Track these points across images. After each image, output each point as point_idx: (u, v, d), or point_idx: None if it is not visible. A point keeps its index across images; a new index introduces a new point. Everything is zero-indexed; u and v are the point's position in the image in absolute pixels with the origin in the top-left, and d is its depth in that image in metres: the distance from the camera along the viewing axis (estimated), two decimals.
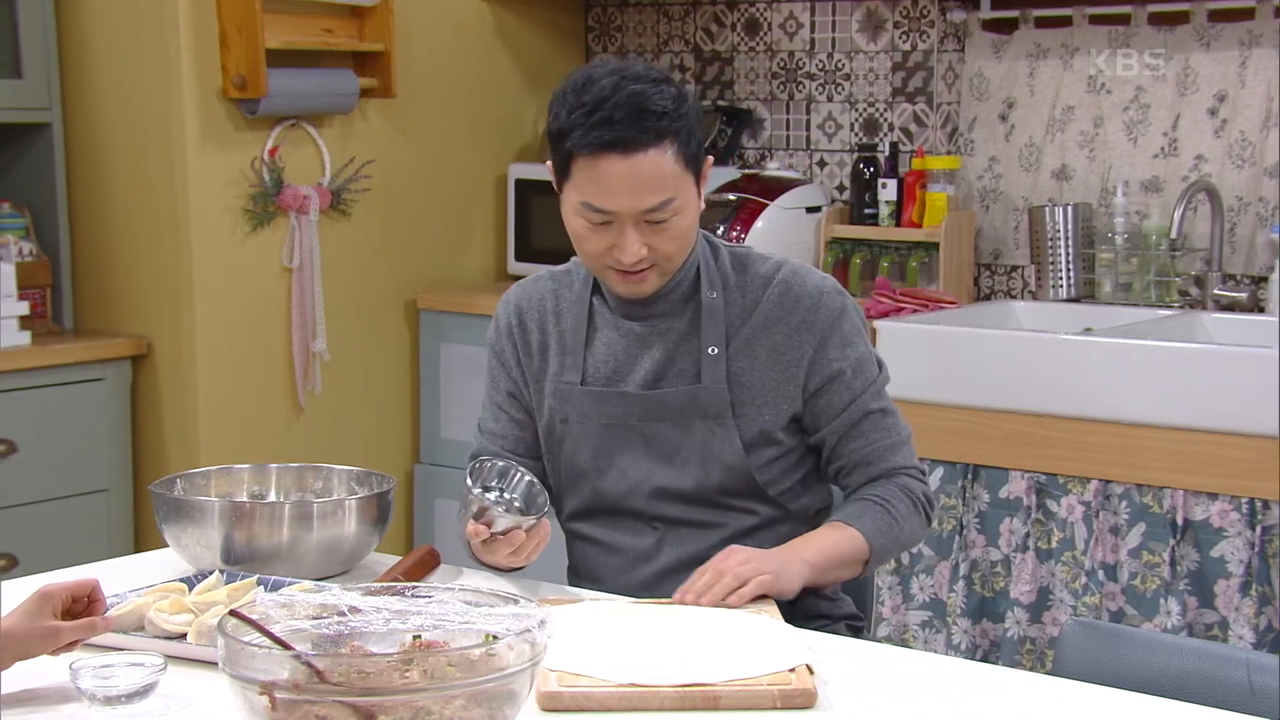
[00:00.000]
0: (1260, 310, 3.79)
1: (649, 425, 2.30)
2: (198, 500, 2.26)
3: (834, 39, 4.40)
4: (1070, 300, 3.99)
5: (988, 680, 1.98)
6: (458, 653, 1.57)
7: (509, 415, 2.39)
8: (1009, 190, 4.15)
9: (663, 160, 2.18)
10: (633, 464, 2.31)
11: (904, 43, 4.28)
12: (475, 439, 2.43)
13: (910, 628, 3.60)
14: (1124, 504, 3.37)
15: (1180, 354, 3.36)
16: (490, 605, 1.67)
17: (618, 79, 2.18)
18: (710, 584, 2.10)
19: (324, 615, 1.66)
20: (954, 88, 4.22)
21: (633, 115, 2.16)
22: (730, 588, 2.09)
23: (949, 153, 4.22)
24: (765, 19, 4.50)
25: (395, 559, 2.34)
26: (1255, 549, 3.23)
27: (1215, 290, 3.83)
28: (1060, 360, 3.46)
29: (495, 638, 1.59)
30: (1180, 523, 3.30)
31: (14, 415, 3.83)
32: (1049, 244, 3.96)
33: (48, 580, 1.94)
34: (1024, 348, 3.53)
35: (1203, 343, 3.63)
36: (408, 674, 1.53)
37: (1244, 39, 3.81)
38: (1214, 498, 3.28)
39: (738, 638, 1.97)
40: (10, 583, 2.17)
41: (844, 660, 1.97)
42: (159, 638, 1.96)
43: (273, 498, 2.43)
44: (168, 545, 2.32)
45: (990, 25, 4.14)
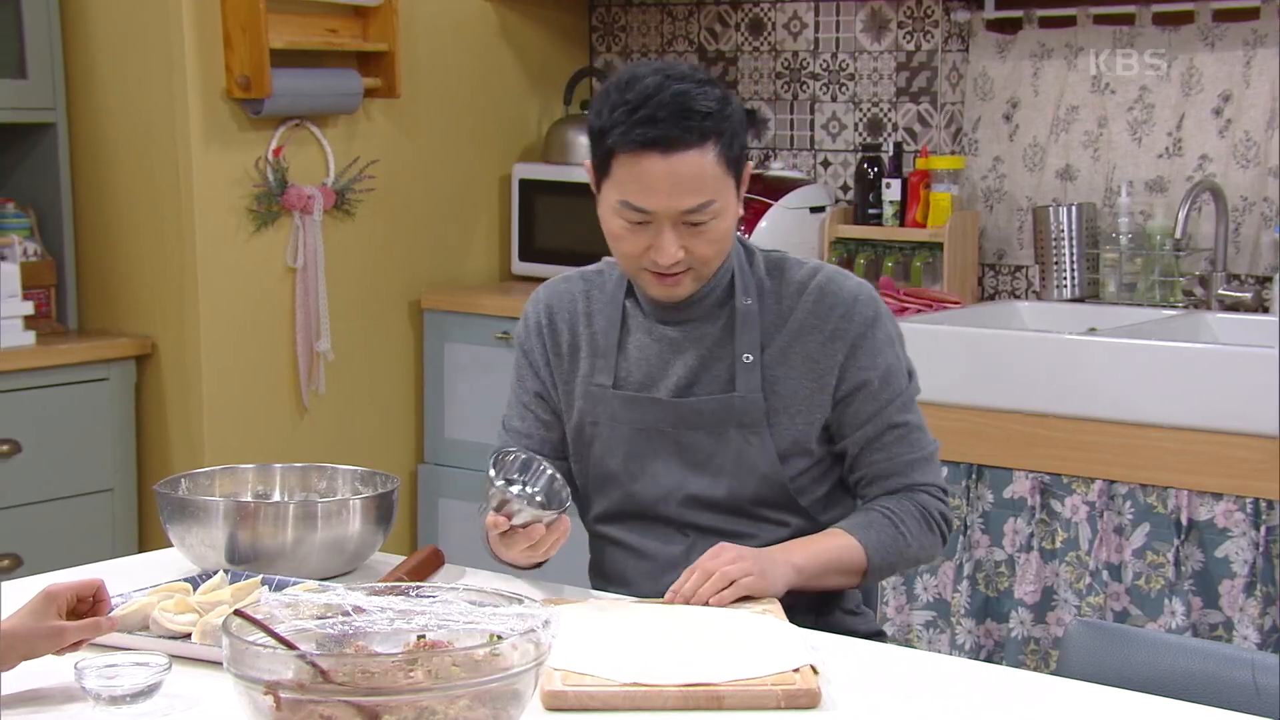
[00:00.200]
0: (1265, 310, 3.79)
1: (682, 432, 2.28)
2: (202, 500, 2.27)
3: (838, 39, 4.40)
4: (1074, 300, 3.98)
5: (992, 680, 1.98)
6: (462, 653, 1.57)
7: (535, 415, 2.37)
8: (1013, 190, 4.15)
9: (704, 161, 2.16)
10: (665, 470, 2.29)
11: (908, 42, 4.28)
12: (499, 436, 2.41)
13: (914, 628, 3.60)
14: (1128, 504, 3.37)
15: (1185, 354, 3.36)
16: (495, 605, 1.68)
17: (662, 78, 2.16)
18: (699, 584, 2.09)
19: (328, 615, 1.66)
20: (958, 88, 4.22)
21: (676, 114, 2.14)
22: (718, 587, 2.08)
23: (953, 153, 4.22)
24: (769, 19, 4.50)
25: (399, 559, 2.34)
26: (1260, 549, 3.23)
27: (1220, 290, 3.83)
28: (1064, 360, 3.46)
29: (500, 638, 1.60)
30: (1185, 523, 3.30)
31: (18, 415, 3.84)
32: (1053, 244, 3.96)
33: (52, 580, 1.94)
34: (1028, 348, 3.53)
35: (1207, 343, 3.63)
36: (412, 674, 1.53)
37: (1248, 39, 3.81)
38: (1218, 498, 3.28)
39: (742, 637, 1.97)
40: (15, 583, 2.17)
41: (848, 660, 1.97)
42: (164, 637, 1.96)
43: (277, 497, 2.43)
44: (172, 545, 2.32)
45: (994, 25, 4.14)
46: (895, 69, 4.31)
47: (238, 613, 1.61)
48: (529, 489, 2.19)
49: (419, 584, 1.87)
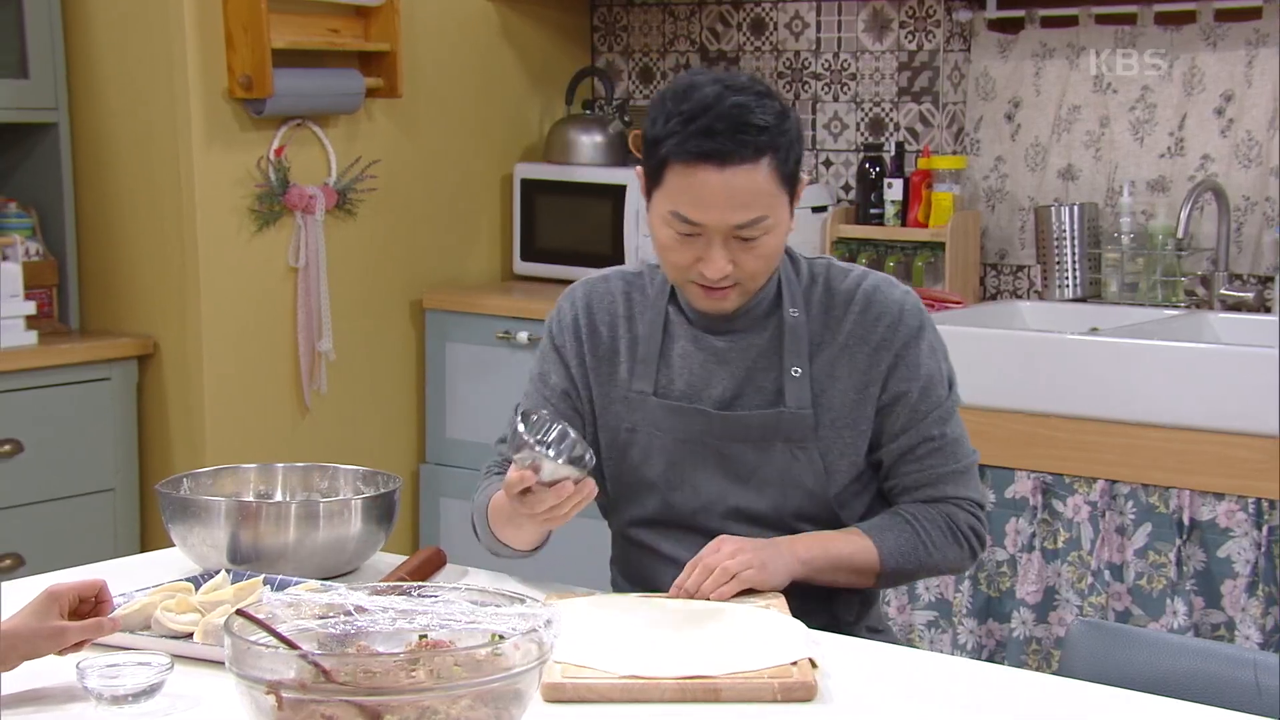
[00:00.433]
0: (1267, 310, 3.79)
1: (727, 444, 2.24)
2: (204, 500, 2.26)
3: (840, 39, 4.40)
4: (1076, 300, 3.98)
5: (993, 680, 1.98)
6: (464, 652, 1.57)
7: (555, 409, 2.30)
8: (1015, 190, 4.15)
9: (759, 176, 2.12)
10: (707, 482, 2.25)
11: (910, 42, 4.28)
12: (511, 422, 2.35)
13: (916, 628, 3.60)
14: (1130, 504, 3.37)
15: (1187, 354, 3.36)
16: (496, 605, 1.68)
17: (721, 88, 2.13)
18: (700, 579, 2.08)
19: (330, 615, 1.66)
20: (960, 87, 4.22)
21: (733, 127, 2.10)
22: (719, 583, 2.07)
23: (955, 152, 4.22)
24: (771, 19, 4.50)
25: (401, 559, 2.34)
26: (1262, 549, 3.23)
27: (1221, 290, 3.83)
28: (1066, 360, 3.46)
29: (501, 637, 1.60)
30: (1186, 523, 3.30)
31: (20, 415, 3.84)
32: (1055, 244, 3.96)
33: (53, 580, 1.95)
34: (1030, 348, 3.53)
35: (1209, 343, 3.63)
36: (414, 674, 1.53)
37: (1250, 38, 3.81)
38: (1220, 498, 3.27)
39: (742, 631, 1.97)
40: (15, 583, 2.17)
41: (849, 658, 1.97)
42: (165, 637, 1.96)
43: (279, 497, 2.43)
44: (174, 545, 2.32)
45: (996, 25, 4.14)
46: (897, 69, 4.31)
47: (240, 612, 1.61)
48: (553, 452, 2.09)
49: (421, 584, 1.88)
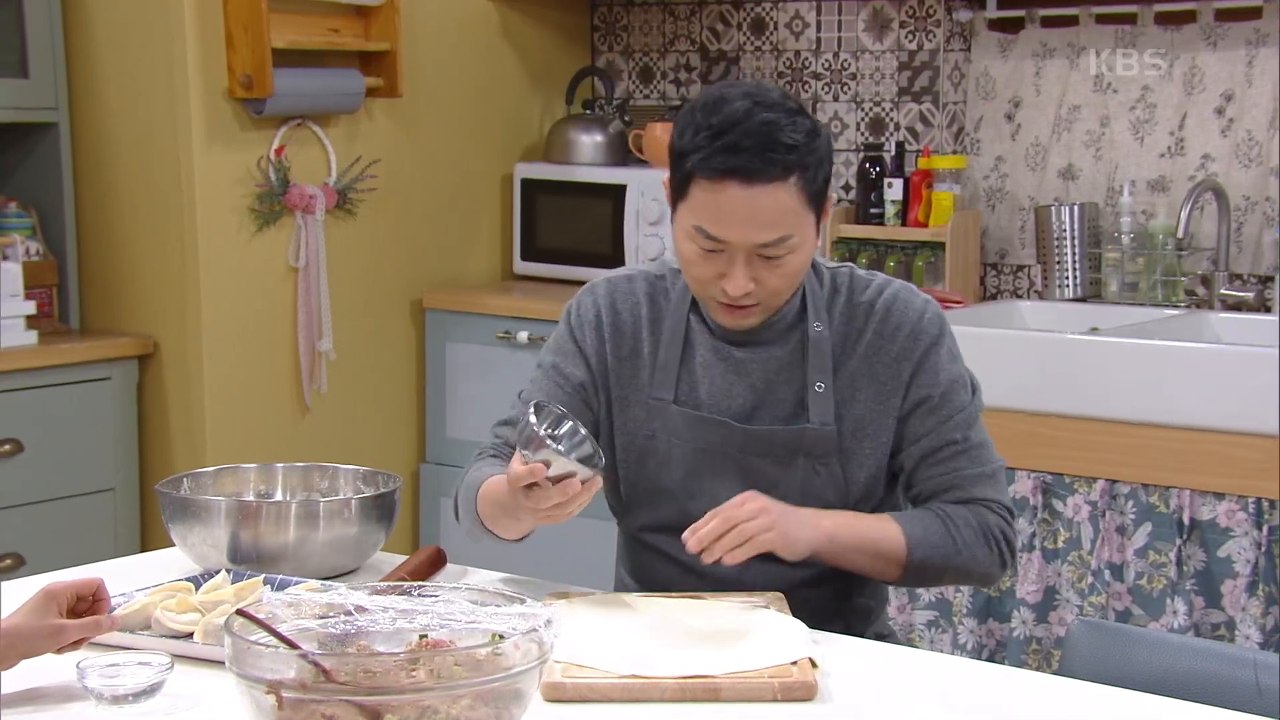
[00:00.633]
0: (1267, 310, 3.79)
1: (748, 457, 2.22)
2: (204, 499, 2.27)
3: (840, 38, 4.40)
4: (1076, 300, 3.98)
5: (993, 680, 1.98)
6: (464, 652, 1.57)
7: (567, 403, 2.25)
8: (1015, 190, 4.15)
9: (785, 195, 2.09)
10: (726, 493, 2.20)
11: (910, 42, 4.28)
12: (515, 407, 2.29)
13: (916, 627, 3.60)
14: (1130, 504, 3.37)
15: (1187, 354, 3.36)
16: (496, 605, 1.68)
17: (751, 104, 2.10)
18: (716, 532, 2.03)
19: (330, 614, 1.66)
20: (960, 87, 4.22)
21: (761, 145, 2.07)
22: (734, 543, 2.02)
23: (955, 152, 4.22)
24: (771, 18, 4.50)
25: (401, 558, 2.34)
26: (1262, 549, 3.23)
27: (1222, 290, 3.83)
28: (1066, 360, 3.46)
29: (502, 637, 1.60)
30: (1187, 522, 3.30)
31: (20, 414, 3.84)
32: (1055, 243, 3.96)
33: (52, 580, 1.95)
34: (1030, 347, 3.53)
35: (1209, 342, 3.63)
36: (414, 673, 1.53)
37: (1250, 38, 3.81)
38: (1220, 497, 3.27)
39: (742, 631, 1.97)
40: (15, 582, 2.17)
41: (849, 658, 1.97)
42: (166, 637, 1.96)
43: (279, 497, 2.43)
44: (174, 544, 2.32)
45: (996, 25, 4.14)
46: (897, 68, 4.31)
47: (240, 612, 1.61)
48: (565, 445, 2.04)
49: (421, 583, 1.88)
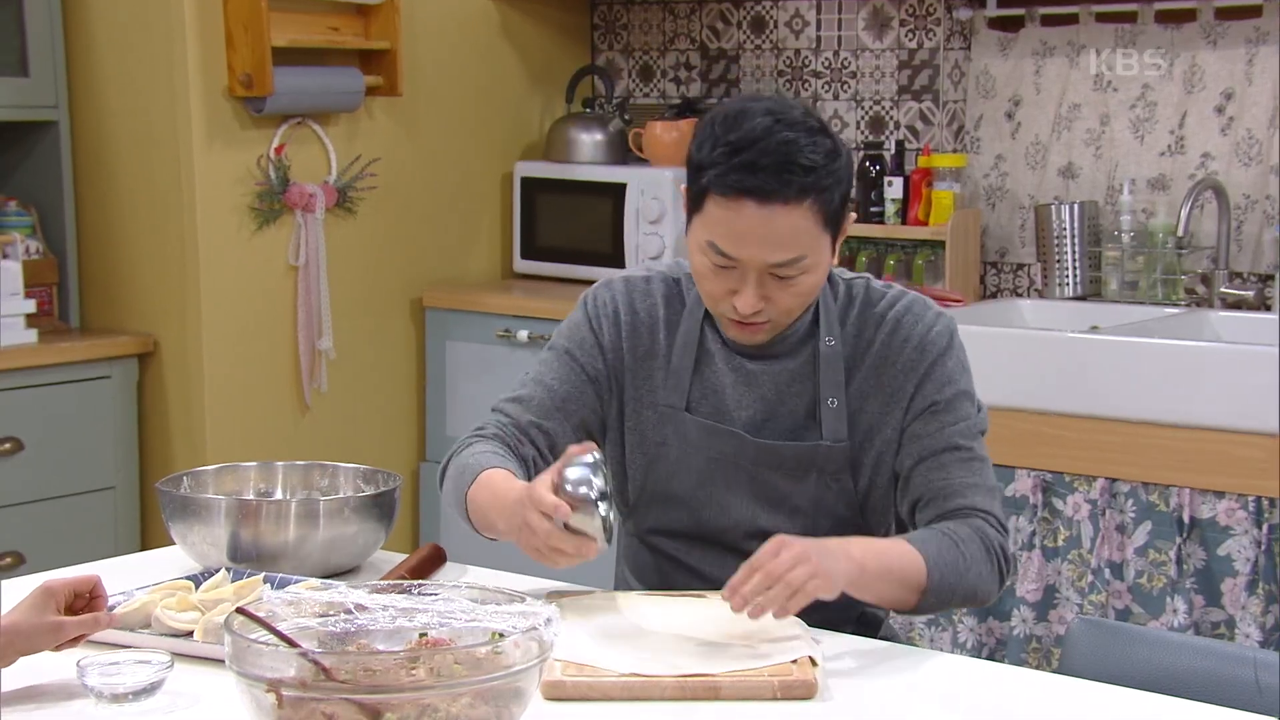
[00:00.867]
0: (1267, 308, 3.79)
1: (760, 470, 2.21)
2: (204, 498, 2.27)
3: (840, 37, 4.40)
4: (1076, 298, 3.98)
5: (993, 678, 1.98)
6: (464, 650, 1.57)
7: (573, 388, 2.23)
8: (1015, 188, 4.15)
9: (800, 216, 2.06)
10: (736, 503, 2.22)
11: (910, 40, 4.28)
12: (524, 384, 2.26)
13: (916, 625, 3.60)
14: (1130, 502, 3.37)
15: (1187, 352, 3.36)
16: (496, 603, 1.68)
17: (772, 121, 2.06)
18: (760, 588, 1.92)
19: (330, 613, 1.66)
20: (960, 85, 4.22)
21: (779, 165, 2.04)
22: (784, 597, 1.91)
23: (955, 151, 4.22)
24: (771, 17, 4.50)
25: (401, 557, 2.34)
26: (1262, 547, 3.23)
27: (1222, 288, 3.83)
28: (1066, 358, 3.46)
29: (502, 635, 1.60)
30: (1187, 521, 3.30)
31: (20, 413, 3.84)
32: (1055, 242, 3.96)
33: (49, 578, 1.94)
34: (1030, 346, 3.53)
35: (1209, 341, 3.63)
36: (414, 672, 1.53)
37: (1251, 36, 3.81)
38: (1220, 496, 3.27)
39: (742, 629, 1.97)
40: (14, 581, 2.17)
41: (849, 656, 1.97)
42: (166, 635, 1.96)
43: (279, 495, 2.42)
44: (174, 543, 2.32)
45: (996, 23, 4.13)
46: (897, 67, 4.31)
47: (240, 610, 1.61)
48: (604, 505, 1.97)
49: (421, 582, 1.88)
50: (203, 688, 1.83)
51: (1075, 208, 3.95)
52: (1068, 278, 3.97)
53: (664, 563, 2.30)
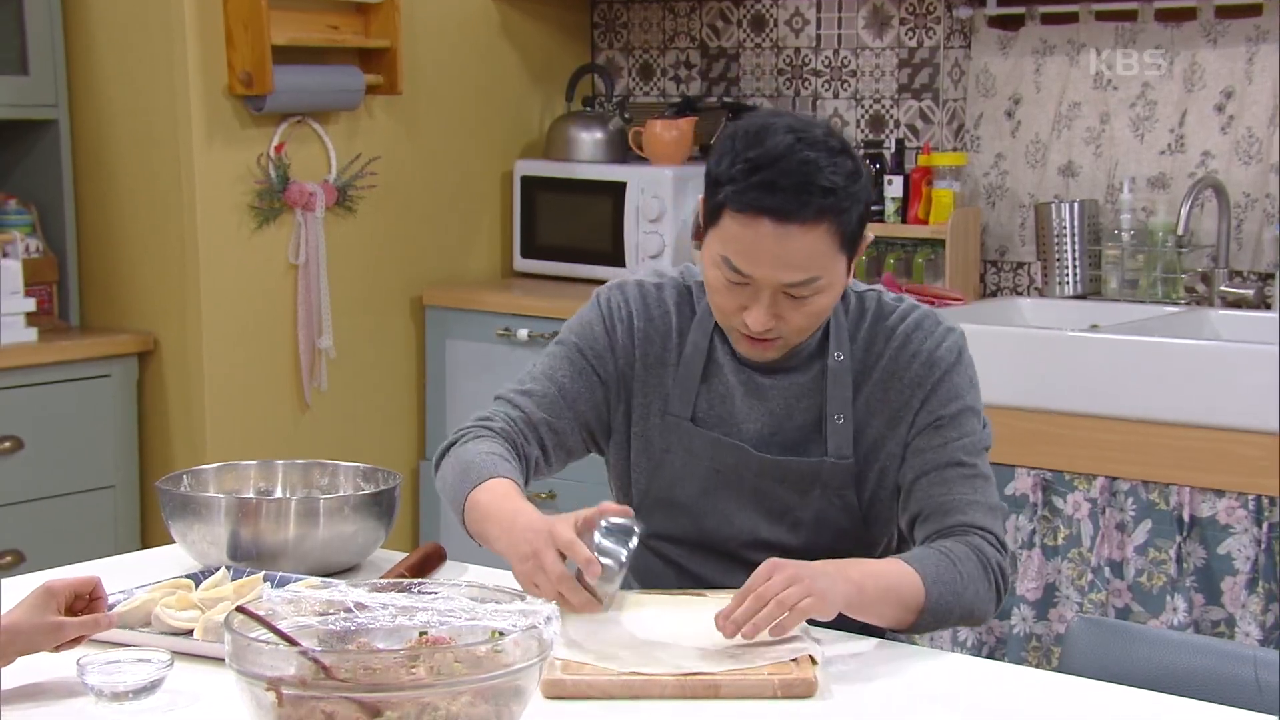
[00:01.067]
0: (1267, 307, 3.79)
1: (765, 482, 2.21)
2: (204, 497, 2.27)
3: (840, 35, 4.39)
4: (1076, 297, 3.98)
5: (993, 677, 1.98)
6: (464, 649, 1.57)
7: (576, 380, 2.23)
8: (1015, 187, 4.15)
9: (817, 238, 2.04)
10: (739, 513, 2.21)
11: (910, 39, 4.28)
12: (531, 377, 2.25)
13: None
14: (1130, 501, 3.37)
15: (1187, 351, 3.36)
16: (497, 602, 1.68)
17: (793, 140, 2.04)
18: (752, 611, 1.91)
19: (330, 611, 1.66)
20: (960, 84, 4.21)
21: (798, 186, 2.02)
22: (775, 616, 1.90)
23: (955, 149, 4.22)
24: (771, 15, 4.50)
25: (401, 555, 2.34)
26: (1262, 546, 3.23)
27: (1222, 287, 3.83)
28: (1066, 357, 3.46)
29: (502, 634, 1.60)
30: (1187, 519, 3.30)
31: (20, 412, 3.84)
32: (1055, 241, 3.96)
33: (49, 577, 1.95)
34: (1030, 344, 3.53)
35: (1209, 339, 3.63)
36: (414, 670, 1.53)
37: (1251, 35, 3.81)
38: (1220, 494, 3.27)
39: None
40: (14, 580, 2.17)
41: (849, 655, 1.97)
42: (166, 634, 1.96)
43: (279, 494, 2.42)
44: (174, 541, 2.32)
45: (996, 22, 4.13)
46: (897, 65, 4.31)
47: (240, 609, 1.61)
48: (623, 570, 1.99)
49: (421, 580, 1.88)
50: (203, 686, 1.83)
51: (1075, 206, 3.95)
52: (1068, 276, 3.97)
53: (665, 565, 2.30)
